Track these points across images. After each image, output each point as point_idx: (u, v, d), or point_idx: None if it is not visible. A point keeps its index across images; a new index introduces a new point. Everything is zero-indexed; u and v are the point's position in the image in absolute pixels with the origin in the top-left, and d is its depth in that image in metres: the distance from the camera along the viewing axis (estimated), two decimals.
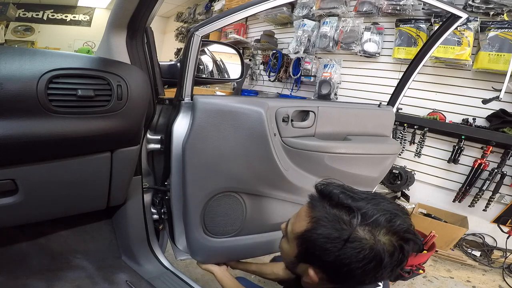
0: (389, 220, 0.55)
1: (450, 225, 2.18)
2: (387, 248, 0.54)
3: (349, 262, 0.54)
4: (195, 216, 0.96)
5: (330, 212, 0.57)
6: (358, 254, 0.54)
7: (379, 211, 0.55)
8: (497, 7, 2.07)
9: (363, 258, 0.53)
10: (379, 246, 0.53)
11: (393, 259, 0.54)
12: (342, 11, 2.88)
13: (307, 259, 0.61)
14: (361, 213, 0.55)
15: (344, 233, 0.55)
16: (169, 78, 1.04)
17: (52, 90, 0.67)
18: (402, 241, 0.55)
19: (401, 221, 0.55)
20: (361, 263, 0.54)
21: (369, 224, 0.54)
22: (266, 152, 0.96)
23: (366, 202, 0.57)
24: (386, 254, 0.53)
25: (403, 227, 0.55)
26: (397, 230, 0.54)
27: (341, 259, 0.55)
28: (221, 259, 1.09)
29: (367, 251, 0.53)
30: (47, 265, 0.96)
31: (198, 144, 0.89)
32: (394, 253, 0.54)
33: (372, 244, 0.54)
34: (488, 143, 2.11)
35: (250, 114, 0.92)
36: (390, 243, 0.54)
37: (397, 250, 0.54)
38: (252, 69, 4.08)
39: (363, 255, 0.53)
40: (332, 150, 1.09)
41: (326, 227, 0.56)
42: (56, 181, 0.79)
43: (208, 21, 0.89)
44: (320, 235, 0.57)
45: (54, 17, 6.94)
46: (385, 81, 2.67)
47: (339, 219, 0.56)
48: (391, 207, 0.57)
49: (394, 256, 0.54)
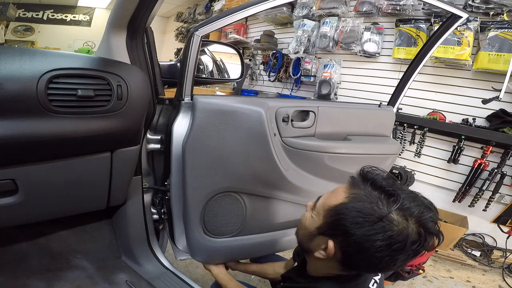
0: (421, 212, 0.58)
1: (450, 225, 2.18)
2: (413, 235, 0.56)
3: (375, 239, 0.56)
4: (195, 216, 0.96)
5: (370, 193, 0.60)
6: (385, 233, 0.56)
7: (415, 202, 0.59)
8: (497, 7, 2.07)
9: (389, 238, 0.56)
10: (407, 231, 0.56)
11: (413, 247, 0.57)
12: (342, 11, 2.88)
13: (331, 231, 0.63)
14: (401, 198, 0.58)
15: (380, 212, 0.58)
16: (169, 78, 1.04)
17: (52, 90, 0.67)
18: (427, 233, 0.57)
19: (432, 215, 0.58)
20: (386, 242, 0.56)
21: (404, 210, 0.57)
22: (266, 152, 0.96)
23: (405, 193, 0.60)
24: (409, 240, 0.56)
25: (432, 220, 0.58)
26: (425, 222, 0.57)
27: (370, 234, 0.57)
28: (221, 259, 1.09)
29: (394, 233, 0.56)
30: (47, 265, 0.96)
31: (198, 144, 0.89)
32: (416, 241, 0.57)
33: (402, 228, 0.56)
34: (488, 143, 2.11)
35: (250, 114, 0.92)
36: (416, 232, 0.57)
37: (421, 240, 0.57)
38: (252, 69, 4.08)
39: (389, 235, 0.56)
40: (332, 150, 1.09)
41: (364, 203, 0.59)
42: (56, 181, 0.79)
43: (208, 21, 0.89)
44: (355, 208, 0.59)
45: (54, 17, 6.94)
46: (385, 81, 2.67)
47: (379, 200, 0.59)
48: (426, 202, 0.61)
49: (415, 245, 0.57)
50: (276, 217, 1.11)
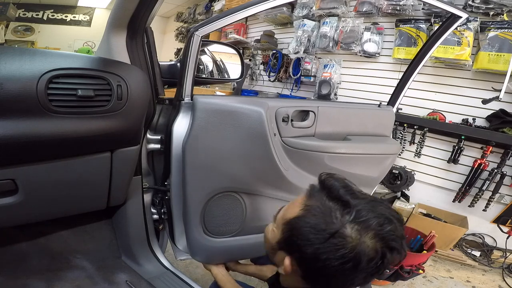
0: (381, 224, 0.52)
1: (450, 225, 2.18)
2: (368, 252, 0.51)
3: (326, 258, 0.52)
4: (195, 216, 0.96)
5: (325, 204, 0.55)
6: (337, 251, 0.51)
7: (374, 213, 0.53)
8: (497, 7, 2.07)
9: (341, 257, 0.51)
10: (361, 248, 0.51)
11: (371, 265, 0.52)
12: (342, 11, 2.88)
13: (287, 247, 0.59)
14: (356, 210, 0.53)
15: (332, 226, 0.52)
16: (169, 78, 1.04)
17: (52, 90, 0.67)
18: (387, 249, 0.52)
19: (392, 228, 0.53)
20: (337, 261, 0.51)
21: (359, 223, 0.52)
22: (266, 152, 0.96)
23: (364, 202, 0.55)
24: (365, 258, 0.51)
25: (392, 234, 0.52)
26: (385, 236, 0.52)
27: (320, 253, 0.52)
28: (221, 259, 1.09)
29: (347, 250, 0.51)
30: (47, 265, 0.96)
31: (198, 144, 0.89)
32: (374, 259, 0.52)
33: (355, 244, 0.51)
34: (488, 143, 2.11)
35: (250, 114, 0.92)
36: (373, 248, 0.52)
37: (378, 257, 0.52)
38: (252, 69, 4.08)
39: (341, 254, 0.51)
40: (332, 150, 1.09)
41: (316, 217, 0.55)
42: (56, 181, 0.79)
43: (208, 21, 0.89)
44: (307, 223, 0.55)
45: (54, 17, 6.94)
46: (385, 81, 2.67)
47: (332, 212, 0.54)
48: (387, 212, 0.55)
49: (373, 262, 0.52)
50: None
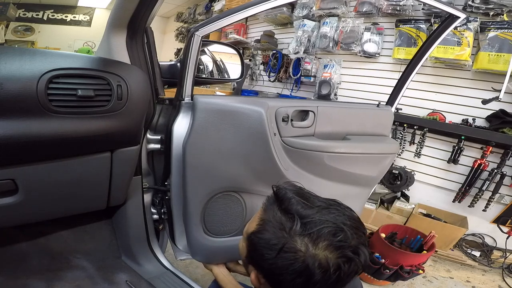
0: (333, 233, 0.50)
1: (450, 225, 2.19)
2: (321, 263, 0.49)
3: (279, 273, 0.51)
4: (195, 216, 0.96)
5: (276, 217, 0.54)
6: (289, 266, 0.50)
7: (326, 222, 0.51)
8: (497, 8, 2.08)
9: (293, 272, 0.50)
10: (311, 260, 0.49)
11: (326, 277, 0.49)
12: (342, 12, 2.88)
13: (251, 262, 0.59)
14: (304, 222, 0.51)
15: (282, 241, 0.51)
16: (169, 78, 1.04)
17: (52, 90, 0.67)
18: (342, 259, 0.50)
19: (343, 237, 0.50)
20: (291, 276, 0.50)
21: (309, 235, 0.50)
22: (266, 151, 0.96)
23: (316, 211, 0.52)
24: (318, 270, 0.49)
25: (344, 243, 0.50)
26: (336, 246, 0.50)
27: (274, 268, 0.52)
28: (221, 258, 1.09)
29: (299, 264, 0.49)
30: (47, 265, 0.96)
31: (198, 144, 0.89)
32: (327, 270, 0.49)
33: (305, 257, 0.49)
34: (488, 143, 2.11)
35: (250, 114, 0.92)
36: (325, 259, 0.49)
37: (332, 268, 0.49)
38: (252, 69, 4.08)
39: (293, 268, 0.50)
40: (332, 150, 1.09)
41: (269, 232, 0.53)
42: (56, 181, 0.79)
43: (208, 21, 0.89)
44: (261, 239, 0.54)
45: (54, 17, 6.94)
46: (385, 82, 2.67)
47: (282, 226, 0.52)
48: (339, 220, 0.52)
49: (327, 274, 0.49)
50: None
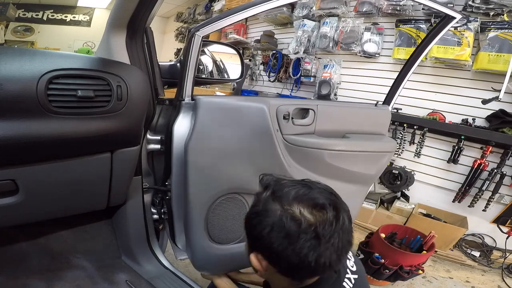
0: (299, 191, 0.57)
1: (450, 225, 2.19)
2: (293, 216, 0.54)
3: (265, 233, 0.56)
4: (199, 222, 0.95)
5: (259, 195, 0.62)
6: (268, 224, 0.56)
7: (293, 187, 0.58)
8: (497, 8, 2.08)
9: (271, 228, 0.55)
10: (284, 214, 0.55)
11: (303, 230, 0.54)
12: (342, 12, 2.88)
13: (250, 246, 0.63)
14: (276, 189, 0.59)
15: (261, 207, 0.59)
16: (169, 78, 1.04)
17: (52, 91, 0.67)
18: (311, 209, 0.55)
19: (313, 193, 0.56)
20: (274, 233, 0.55)
21: (279, 197, 0.57)
22: (270, 147, 0.96)
23: (290, 184, 0.60)
24: (291, 222, 0.54)
25: (313, 196, 0.56)
26: (305, 199, 0.55)
27: (259, 232, 0.57)
28: (228, 268, 1.06)
29: (275, 219, 0.55)
30: (47, 265, 0.96)
31: (201, 143, 0.89)
32: (301, 223, 0.54)
33: (278, 213, 0.55)
34: (488, 143, 2.11)
35: (253, 110, 0.92)
36: (297, 212, 0.55)
37: (304, 220, 0.54)
38: (252, 70, 4.08)
39: (270, 224, 0.55)
40: (332, 147, 1.09)
41: (253, 208, 0.61)
42: (56, 182, 0.80)
43: (208, 22, 0.89)
44: (250, 212, 0.62)
45: (54, 17, 6.93)
46: (385, 82, 2.67)
47: (261, 197, 0.60)
48: (307, 183, 0.59)
49: (303, 227, 0.54)
50: None
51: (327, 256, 0.55)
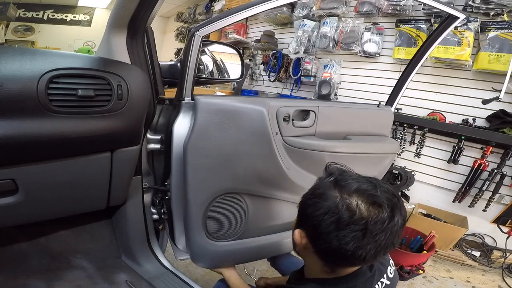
0: (362, 185, 0.58)
1: (450, 225, 2.18)
2: (349, 207, 0.56)
3: (317, 214, 0.59)
4: (197, 220, 0.96)
5: (325, 181, 0.63)
6: (322, 207, 0.59)
7: (357, 181, 0.60)
8: (497, 8, 2.08)
9: (325, 213, 0.58)
10: (341, 203, 0.57)
11: (354, 220, 0.55)
12: (342, 12, 2.88)
13: (298, 222, 0.67)
14: (337, 177, 0.61)
15: (321, 191, 0.61)
16: (169, 78, 1.04)
17: (52, 90, 0.67)
18: (368, 204, 0.56)
19: (371, 186, 0.58)
20: (324, 216, 0.58)
21: (341, 186, 0.59)
22: (268, 150, 0.96)
23: (354, 177, 0.62)
24: (346, 212, 0.56)
25: (374, 193, 0.57)
26: (365, 194, 0.57)
27: (311, 212, 0.61)
28: (224, 263, 1.08)
29: (328, 203, 0.58)
30: (47, 265, 0.96)
31: (200, 144, 0.89)
32: (354, 214, 0.56)
33: (335, 200, 0.58)
34: (488, 143, 2.11)
35: (252, 113, 0.92)
36: (354, 204, 0.57)
37: (359, 212, 0.56)
38: (252, 69, 4.08)
39: (325, 208, 0.58)
40: (333, 149, 1.09)
41: (317, 189, 0.63)
42: (56, 181, 0.79)
43: (208, 21, 0.89)
44: (306, 194, 0.65)
45: (54, 17, 6.93)
46: (385, 82, 2.67)
47: (323, 183, 0.63)
48: (373, 180, 0.61)
49: (355, 218, 0.56)
50: (277, 218, 1.10)
51: (366, 250, 0.56)
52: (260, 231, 1.10)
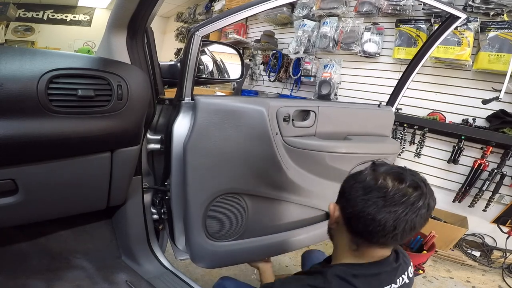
0: (393, 168, 0.70)
1: (450, 225, 2.18)
2: (376, 177, 0.66)
3: (349, 185, 0.70)
4: (197, 220, 0.96)
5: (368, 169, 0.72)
6: (355, 181, 0.69)
7: (391, 167, 0.71)
8: (497, 8, 2.08)
9: (355, 183, 0.68)
10: (370, 175, 0.68)
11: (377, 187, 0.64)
12: (342, 11, 2.88)
13: (338, 197, 0.76)
14: (375, 165, 0.71)
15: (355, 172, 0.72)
16: (169, 78, 1.04)
17: (52, 90, 0.67)
18: (391, 178, 0.66)
19: (402, 172, 0.67)
20: (354, 185, 0.68)
21: (374, 169, 0.69)
22: (268, 150, 0.96)
23: (390, 166, 0.72)
24: (372, 180, 0.66)
25: (400, 172, 0.67)
26: (392, 173, 0.67)
27: (345, 187, 0.71)
28: (224, 263, 1.08)
29: (362, 178, 0.68)
30: (47, 265, 0.96)
31: (199, 144, 0.89)
32: (378, 182, 0.65)
33: (367, 176, 0.68)
34: (488, 143, 2.11)
35: (252, 113, 0.92)
36: (380, 176, 0.66)
37: (383, 182, 0.65)
38: (252, 69, 4.08)
39: (356, 181, 0.69)
40: (333, 150, 1.09)
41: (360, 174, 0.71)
42: (56, 181, 0.79)
43: (208, 21, 0.89)
44: (350, 175, 0.74)
45: (54, 17, 6.94)
46: (385, 82, 2.67)
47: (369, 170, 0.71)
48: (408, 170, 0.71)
49: (378, 185, 0.64)
50: (277, 219, 1.11)
51: (385, 219, 0.62)
52: (260, 231, 1.10)
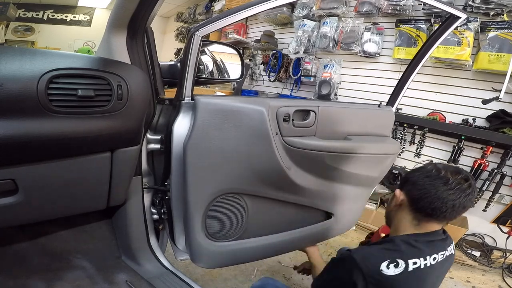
0: (451, 166, 0.89)
1: (450, 225, 2.18)
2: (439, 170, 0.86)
3: (416, 175, 0.89)
4: (197, 220, 0.96)
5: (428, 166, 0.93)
6: (420, 173, 0.89)
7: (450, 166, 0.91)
8: (497, 8, 2.08)
9: (421, 174, 0.89)
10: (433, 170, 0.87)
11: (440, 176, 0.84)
12: (342, 11, 2.88)
13: (402, 185, 0.94)
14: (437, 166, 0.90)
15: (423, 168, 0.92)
16: (169, 78, 1.04)
17: (52, 90, 0.67)
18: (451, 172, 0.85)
19: (456, 168, 0.87)
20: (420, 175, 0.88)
21: (437, 165, 0.89)
22: (268, 150, 0.96)
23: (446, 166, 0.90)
24: (436, 172, 0.86)
25: (456, 168, 0.87)
26: (451, 168, 0.87)
27: (412, 176, 0.91)
28: (224, 263, 1.08)
29: (427, 170, 0.89)
30: (47, 265, 0.96)
31: (199, 144, 0.89)
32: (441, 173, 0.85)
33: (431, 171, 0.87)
34: (488, 143, 2.11)
35: (252, 113, 0.92)
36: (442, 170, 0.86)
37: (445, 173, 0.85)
38: (252, 69, 4.08)
39: (421, 172, 0.89)
40: (333, 150, 1.09)
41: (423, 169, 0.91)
42: (56, 181, 0.79)
43: (208, 21, 0.89)
44: (416, 168, 0.94)
45: (54, 17, 6.94)
46: (385, 81, 2.67)
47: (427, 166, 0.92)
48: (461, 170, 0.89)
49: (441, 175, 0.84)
50: (277, 219, 1.11)
51: (446, 198, 0.82)
52: (260, 232, 1.10)
